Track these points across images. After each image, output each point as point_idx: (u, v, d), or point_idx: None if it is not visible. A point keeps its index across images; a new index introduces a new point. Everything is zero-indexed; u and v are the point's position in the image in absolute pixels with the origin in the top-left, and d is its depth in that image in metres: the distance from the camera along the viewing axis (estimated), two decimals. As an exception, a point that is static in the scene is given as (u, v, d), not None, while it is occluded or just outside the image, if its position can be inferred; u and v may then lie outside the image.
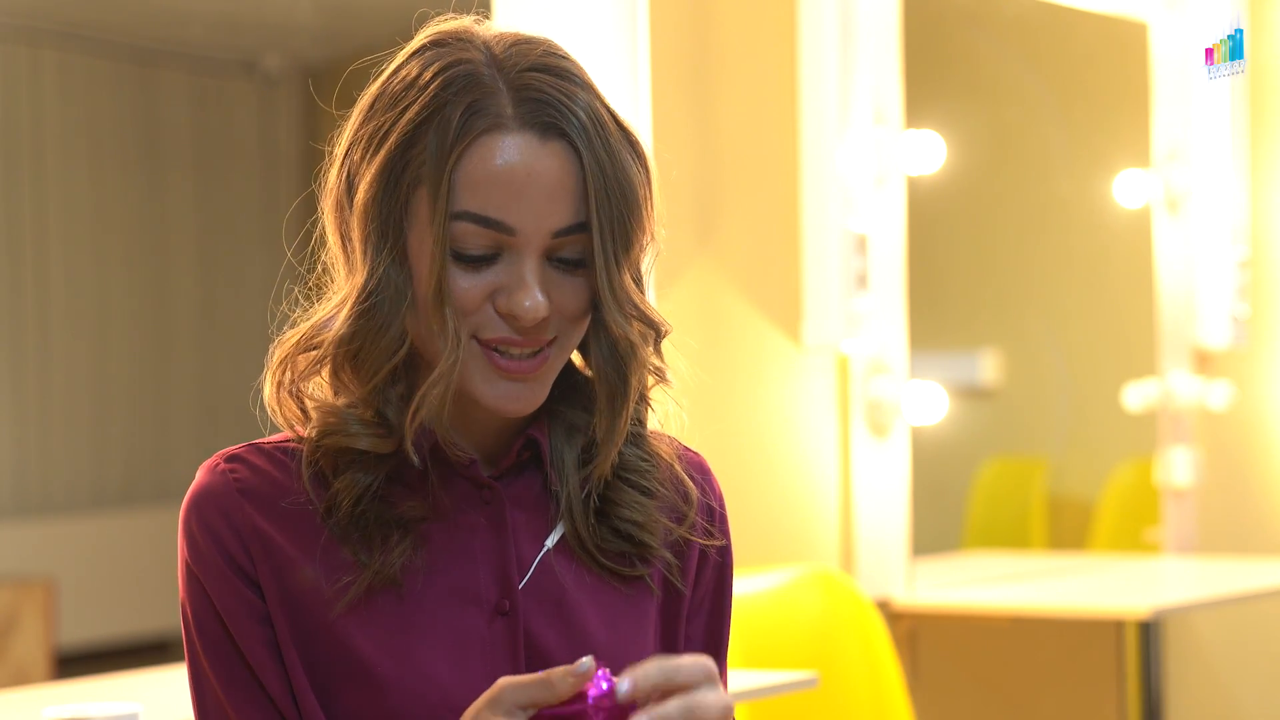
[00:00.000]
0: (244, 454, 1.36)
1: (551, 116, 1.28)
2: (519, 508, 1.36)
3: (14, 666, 5.42)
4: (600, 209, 1.29)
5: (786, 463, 3.22)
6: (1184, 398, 4.01)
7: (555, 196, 1.28)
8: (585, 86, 1.31)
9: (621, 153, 1.31)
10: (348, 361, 1.32)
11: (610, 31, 2.77)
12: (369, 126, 1.32)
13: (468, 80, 1.29)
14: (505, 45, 1.32)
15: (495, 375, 1.30)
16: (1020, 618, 3.49)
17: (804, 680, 2.63)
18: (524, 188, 1.28)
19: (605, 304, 1.31)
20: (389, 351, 1.31)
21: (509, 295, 1.29)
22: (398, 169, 1.29)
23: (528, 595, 1.35)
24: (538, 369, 1.31)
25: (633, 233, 1.31)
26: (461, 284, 1.29)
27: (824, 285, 3.20)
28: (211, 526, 1.33)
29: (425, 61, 1.31)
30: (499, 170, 1.28)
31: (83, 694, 2.41)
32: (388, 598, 1.32)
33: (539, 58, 1.31)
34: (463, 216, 1.28)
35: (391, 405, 1.32)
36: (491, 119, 1.28)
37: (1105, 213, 4.17)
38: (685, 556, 1.41)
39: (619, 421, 1.35)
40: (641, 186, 1.32)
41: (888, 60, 3.31)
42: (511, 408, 1.31)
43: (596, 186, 1.29)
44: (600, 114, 1.30)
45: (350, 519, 1.32)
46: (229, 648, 1.33)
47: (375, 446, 1.32)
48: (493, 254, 1.29)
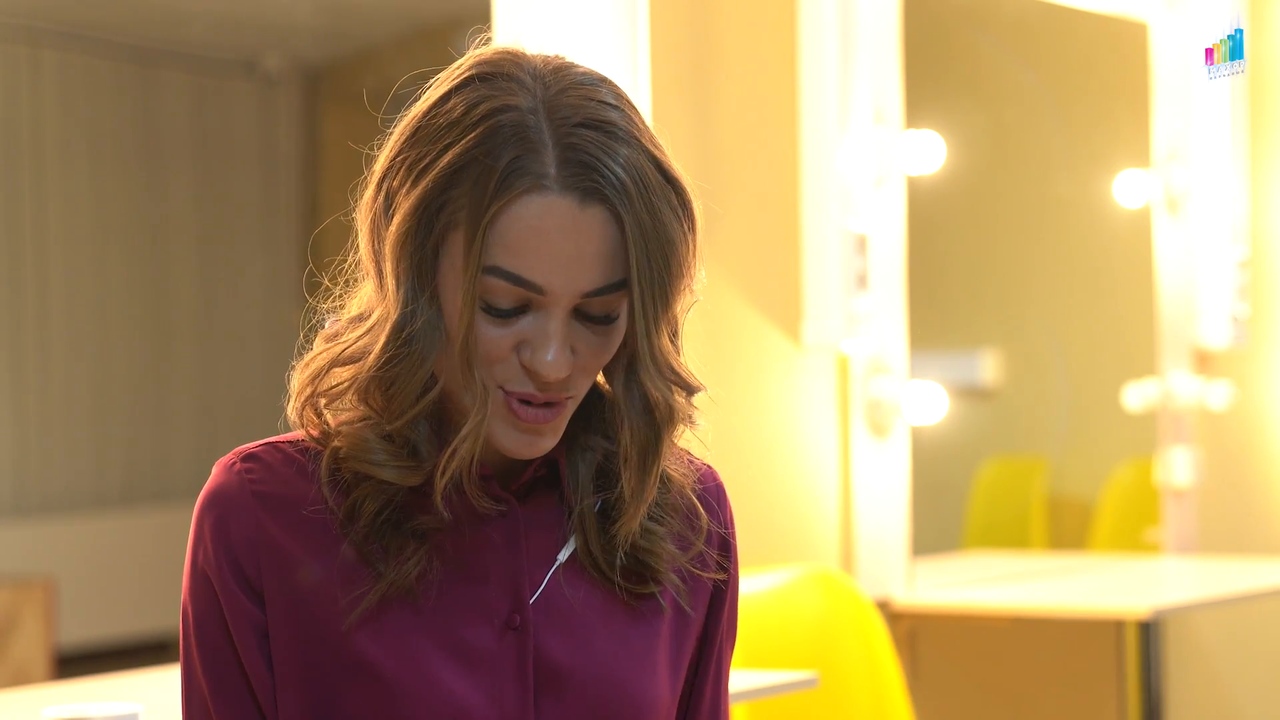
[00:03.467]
0: (261, 453, 1.35)
1: (595, 182, 1.26)
2: (533, 524, 1.36)
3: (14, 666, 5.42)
4: (640, 272, 1.28)
5: (786, 463, 3.22)
6: (1184, 398, 4.01)
7: (590, 261, 1.27)
8: (629, 140, 1.28)
9: (663, 210, 1.29)
10: (379, 389, 1.31)
11: (610, 31, 2.77)
12: (410, 154, 1.30)
13: (513, 132, 1.26)
14: (557, 89, 1.29)
15: (512, 424, 1.30)
16: (1020, 618, 3.49)
17: (804, 680, 2.63)
18: (559, 252, 1.26)
19: (644, 368, 1.31)
20: (423, 387, 1.30)
21: (533, 351, 1.28)
22: (434, 207, 1.28)
23: (538, 611, 1.35)
24: (553, 419, 1.31)
25: (672, 291, 1.30)
26: (489, 334, 1.28)
27: (824, 285, 3.20)
28: (223, 534, 1.33)
29: (470, 100, 1.28)
30: (535, 232, 1.26)
31: (83, 694, 2.41)
32: (401, 608, 1.32)
33: (587, 110, 1.28)
34: (494, 272, 1.26)
35: (422, 438, 1.32)
36: (533, 179, 1.26)
37: (1105, 213, 4.17)
38: (693, 583, 1.41)
39: (648, 479, 1.34)
40: (683, 242, 1.31)
41: (888, 60, 3.31)
42: (525, 453, 1.31)
43: (637, 249, 1.27)
44: (644, 171, 1.28)
45: (369, 528, 1.32)
46: (225, 651, 1.33)
47: (401, 479, 1.31)
48: (521, 307, 1.28)
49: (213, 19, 6.38)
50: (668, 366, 1.32)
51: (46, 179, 6.36)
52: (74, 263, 6.43)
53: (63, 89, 6.41)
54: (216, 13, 6.31)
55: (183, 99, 6.72)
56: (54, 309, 6.41)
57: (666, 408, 1.33)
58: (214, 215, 6.79)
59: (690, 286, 1.34)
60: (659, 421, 1.33)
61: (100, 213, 6.52)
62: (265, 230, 6.80)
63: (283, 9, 6.30)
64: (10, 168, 6.29)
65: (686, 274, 1.32)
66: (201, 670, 1.34)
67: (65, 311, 6.43)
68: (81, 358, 6.47)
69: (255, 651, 1.32)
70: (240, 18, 6.39)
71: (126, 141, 6.59)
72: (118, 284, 6.57)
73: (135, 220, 6.63)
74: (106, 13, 6.38)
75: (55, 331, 6.41)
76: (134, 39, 6.53)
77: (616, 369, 1.33)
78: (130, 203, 6.61)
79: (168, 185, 6.69)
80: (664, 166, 1.31)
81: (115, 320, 6.58)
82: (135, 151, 6.61)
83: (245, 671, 1.32)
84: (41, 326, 6.38)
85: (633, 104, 1.32)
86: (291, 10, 6.27)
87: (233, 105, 6.83)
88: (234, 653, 1.33)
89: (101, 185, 6.51)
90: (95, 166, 6.50)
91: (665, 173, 1.30)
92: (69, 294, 6.43)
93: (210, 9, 6.26)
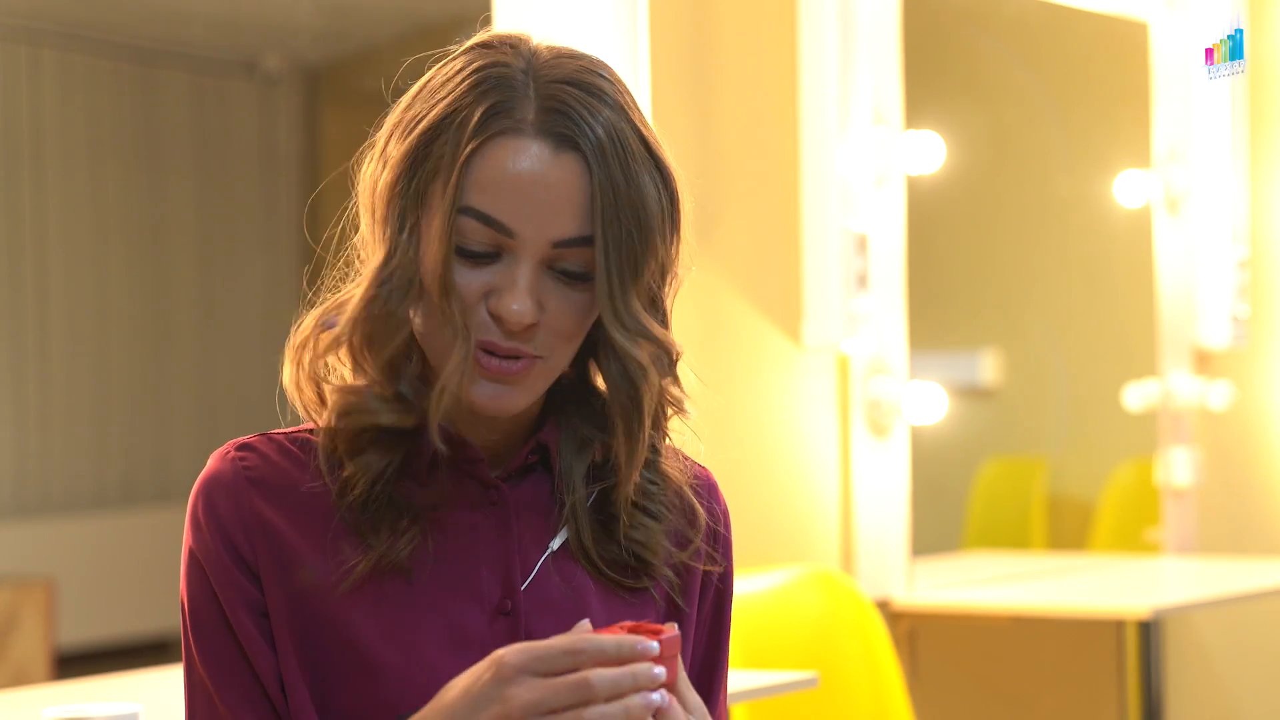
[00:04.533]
0: (256, 443, 1.37)
1: (568, 129, 1.29)
2: (524, 510, 1.37)
3: (14, 666, 5.42)
4: (608, 226, 1.29)
5: (786, 463, 3.22)
6: (1184, 398, 4.01)
7: (559, 207, 1.29)
8: (615, 106, 1.31)
9: (641, 175, 1.31)
10: (364, 343, 1.33)
11: (610, 31, 2.77)
12: (406, 114, 1.34)
13: (498, 82, 1.31)
14: (549, 56, 1.33)
15: (478, 373, 1.31)
16: (1020, 618, 3.49)
17: (804, 680, 2.63)
18: (530, 194, 1.29)
19: (608, 320, 1.31)
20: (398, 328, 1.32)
21: (499, 296, 1.30)
22: (420, 156, 1.31)
23: (529, 597, 1.35)
24: (518, 373, 1.31)
25: (642, 254, 1.31)
26: (461, 277, 1.30)
27: (824, 285, 3.20)
28: (218, 514, 1.34)
29: (468, 60, 1.33)
30: (508, 172, 1.29)
31: (83, 694, 2.42)
32: (393, 585, 1.33)
33: (574, 72, 1.32)
34: (467, 212, 1.29)
35: (407, 384, 1.33)
36: (511, 122, 1.30)
37: (1105, 213, 4.17)
38: (687, 578, 1.42)
39: (637, 444, 1.35)
40: (658, 212, 1.32)
41: (888, 60, 3.31)
42: (489, 407, 1.32)
43: (606, 203, 1.29)
44: (624, 134, 1.31)
45: (363, 502, 1.33)
46: (223, 635, 1.33)
47: (398, 421, 1.33)
48: (493, 253, 1.30)
49: (213, 19, 6.39)
50: (636, 324, 1.32)
51: (46, 179, 6.36)
52: (74, 263, 6.43)
53: (63, 89, 6.41)
54: (216, 13, 6.31)
55: (183, 99, 6.72)
56: (54, 309, 6.41)
57: (639, 365, 1.33)
58: (214, 215, 6.79)
59: (671, 264, 1.34)
60: (634, 380, 1.33)
61: (100, 213, 6.52)
62: (265, 230, 6.80)
63: (283, 9, 6.30)
64: (10, 168, 6.29)
65: (660, 243, 1.32)
66: (199, 657, 1.34)
67: (65, 311, 6.43)
68: (81, 358, 6.47)
69: (254, 630, 1.32)
70: (240, 18, 6.39)
71: (126, 141, 6.59)
72: (118, 284, 6.57)
73: (135, 220, 6.63)
74: (106, 13, 6.38)
75: (55, 331, 6.41)
76: (134, 39, 6.53)
77: (599, 337, 1.34)
78: (130, 203, 6.61)
79: (168, 185, 6.69)
80: (649, 142, 1.33)
81: (115, 320, 6.58)
82: (135, 151, 6.61)
83: (246, 653, 1.33)
84: (41, 326, 6.38)
85: (629, 91, 1.35)
86: (291, 10, 6.28)
87: (233, 105, 6.84)
88: (232, 636, 1.33)
89: (101, 185, 6.51)
90: (95, 166, 6.50)
91: (649, 147, 1.33)
92: (69, 294, 6.43)
93: (210, 9, 6.26)
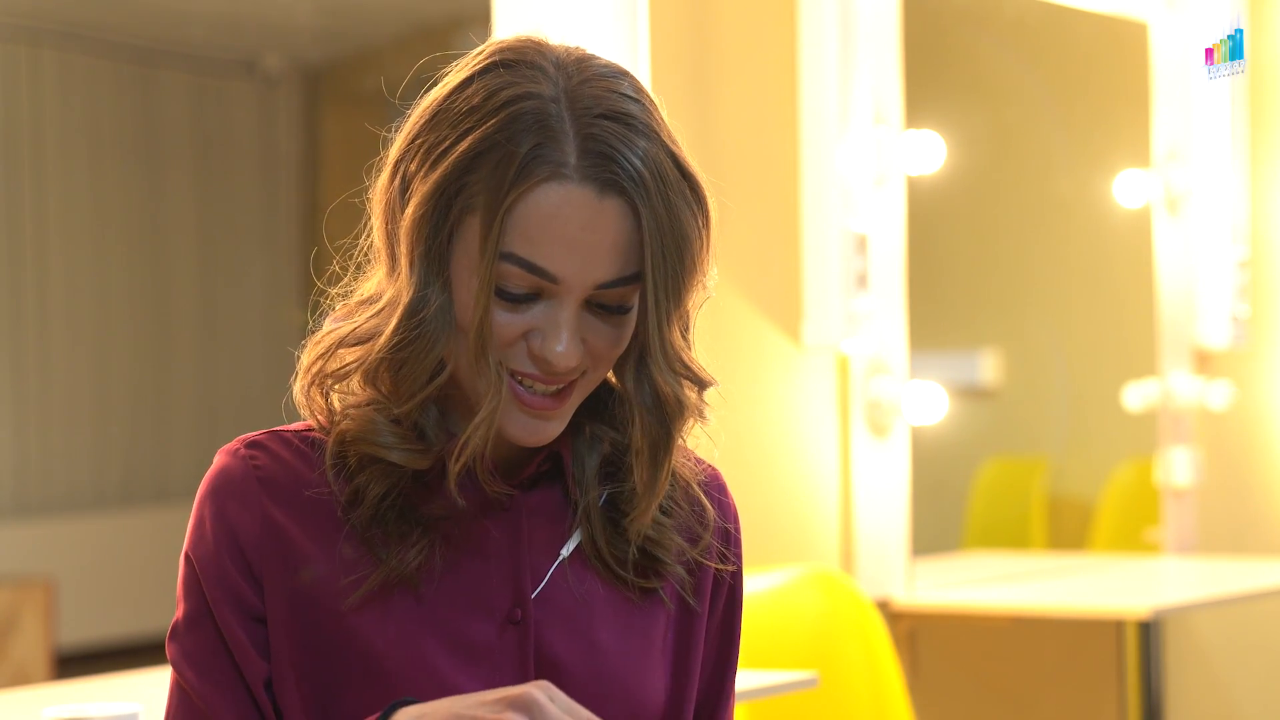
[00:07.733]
0: (266, 441, 1.35)
1: (613, 173, 1.27)
2: (537, 518, 1.36)
3: (14, 666, 5.42)
4: (655, 266, 1.28)
5: (786, 463, 3.22)
6: (1184, 398, 4.01)
7: (605, 252, 1.27)
8: (648, 132, 1.29)
9: (679, 205, 1.29)
10: (389, 371, 1.31)
11: (610, 31, 2.77)
12: (429, 138, 1.30)
13: (535, 119, 1.27)
14: (579, 79, 1.29)
15: (516, 407, 1.30)
16: (1020, 618, 3.49)
17: (804, 680, 2.63)
18: (575, 242, 1.27)
19: (655, 362, 1.31)
20: (432, 371, 1.30)
21: (543, 340, 1.28)
22: (451, 192, 1.28)
23: (540, 605, 1.35)
24: (559, 406, 1.31)
25: (685, 286, 1.31)
26: (499, 318, 1.28)
27: (824, 285, 3.20)
28: (227, 519, 1.33)
29: (492, 87, 1.29)
30: (553, 221, 1.26)
31: (83, 694, 2.41)
32: (402, 597, 1.32)
33: (612, 103, 1.28)
34: (510, 259, 1.26)
35: (430, 422, 1.32)
36: (553, 168, 1.26)
37: (1105, 213, 4.17)
38: (699, 576, 1.41)
39: (660, 474, 1.34)
40: (697, 237, 1.31)
41: (888, 60, 3.31)
42: (529, 440, 1.31)
43: (653, 245, 1.28)
44: (662, 165, 1.29)
45: (373, 514, 1.32)
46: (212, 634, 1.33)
47: (409, 462, 1.31)
48: (533, 294, 1.28)
49: (213, 19, 6.38)
50: (679, 360, 1.33)
51: (46, 179, 6.36)
52: (74, 263, 6.43)
53: (63, 89, 6.41)
54: (216, 13, 6.31)
55: (183, 99, 6.72)
56: (54, 309, 6.41)
57: (677, 402, 1.33)
58: (214, 215, 6.79)
59: (703, 283, 1.34)
60: (669, 416, 1.33)
61: (100, 213, 6.52)
62: (265, 230, 6.79)
63: (283, 9, 6.30)
64: (10, 168, 6.29)
65: (700, 269, 1.32)
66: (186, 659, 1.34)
67: (65, 311, 6.43)
68: (81, 358, 6.47)
69: (244, 638, 1.32)
70: (240, 18, 6.39)
71: (126, 141, 6.59)
72: (118, 284, 6.56)
73: (135, 220, 6.63)
74: (106, 13, 6.38)
75: (55, 331, 6.41)
76: (134, 39, 6.53)
77: (627, 363, 1.33)
78: (130, 203, 6.61)
79: (168, 185, 6.69)
80: (681, 161, 1.31)
81: (115, 320, 6.58)
82: (135, 151, 6.61)
83: (235, 660, 1.32)
84: (41, 326, 6.38)
85: (652, 99, 1.33)
86: (291, 10, 6.27)
87: (233, 105, 6.83)
88: (222, 642, 1.33)
89: (101, 185, 6.51)
90: (95, 166, 6.50)
91: (682, 168, 1.31)
92: (69, 294, 6.43)
93: (210, 9, 6.26)
